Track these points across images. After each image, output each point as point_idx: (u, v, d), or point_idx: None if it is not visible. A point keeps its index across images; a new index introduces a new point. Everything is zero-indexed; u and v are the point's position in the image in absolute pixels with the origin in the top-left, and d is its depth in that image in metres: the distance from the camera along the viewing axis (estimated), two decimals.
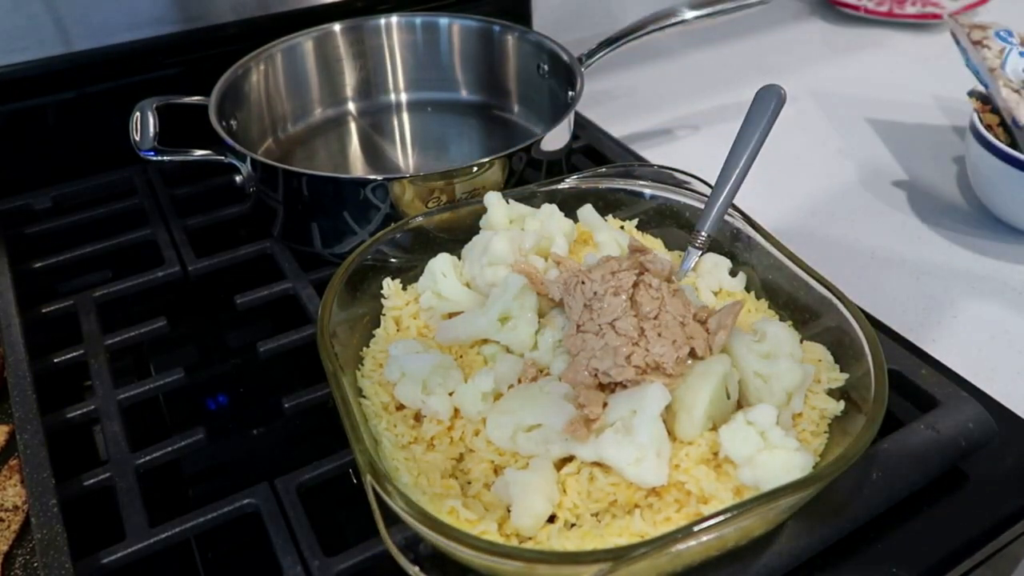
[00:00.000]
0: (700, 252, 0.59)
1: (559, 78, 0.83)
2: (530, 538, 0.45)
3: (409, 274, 0.60)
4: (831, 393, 0.50)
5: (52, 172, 0.83)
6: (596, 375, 0.49)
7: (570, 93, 0.78)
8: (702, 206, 0.60)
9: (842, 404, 0.50)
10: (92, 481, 0.54)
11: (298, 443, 0.63)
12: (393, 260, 0.59)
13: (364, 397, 0.53)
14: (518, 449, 0.48)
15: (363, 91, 0.93)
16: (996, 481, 0.53)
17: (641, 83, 1.08)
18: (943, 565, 0.50)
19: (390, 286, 0.59)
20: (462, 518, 0.44)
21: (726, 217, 0.59)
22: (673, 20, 0.85)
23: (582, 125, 0.93)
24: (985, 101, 0.81)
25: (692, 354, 0.49)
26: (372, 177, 0.67)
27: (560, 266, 0.56)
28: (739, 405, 0.50)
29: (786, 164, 0.90)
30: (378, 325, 0.58)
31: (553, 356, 0.52)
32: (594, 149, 0.88)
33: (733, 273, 0.60)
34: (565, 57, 0.82)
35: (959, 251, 0.77)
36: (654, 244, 0.64)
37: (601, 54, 0.84)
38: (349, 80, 0.92)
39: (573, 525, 0.46)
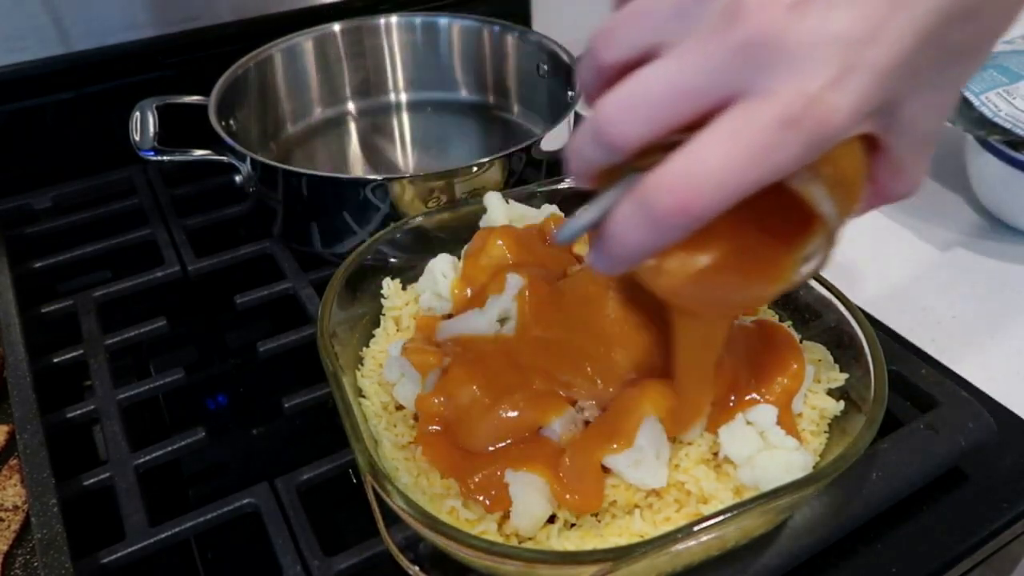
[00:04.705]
0: None
1: (559, 78, 0.83)
2: (530, 538, 0.45)
3: (409, 274, 0.60)
4: (831, 393, 0.50)
5: (52, 172, 0.83)
6: None
7: (570, 93, 0.78)
8: None
9: (842, 404, 0.50)
10: (92, 481, 0.54)
11: (298, 443, 0.63)
12: (393, 260, 0.59)
13: (364, 397, 0.53)
14: None
15: (363, 91, 0.93)
16: (996, 481, 0.53)
17: None
18: (943, 565, 0.49)
19: (390, 286, 0.59)
20: (462, 518, 0.44)
21: None
22: None
23: None
24: None
25: None
26: (372, 177, 0.66)
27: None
28: None
29: None
30: (378, 325, 0.58)
31: None
32: None
33: None
34: (565, 57, 0.82)
35: (959, 251, 0.77)
36: None
37: None
38: (349, 80, 0.92)
39: (573, 525, 0.46)
